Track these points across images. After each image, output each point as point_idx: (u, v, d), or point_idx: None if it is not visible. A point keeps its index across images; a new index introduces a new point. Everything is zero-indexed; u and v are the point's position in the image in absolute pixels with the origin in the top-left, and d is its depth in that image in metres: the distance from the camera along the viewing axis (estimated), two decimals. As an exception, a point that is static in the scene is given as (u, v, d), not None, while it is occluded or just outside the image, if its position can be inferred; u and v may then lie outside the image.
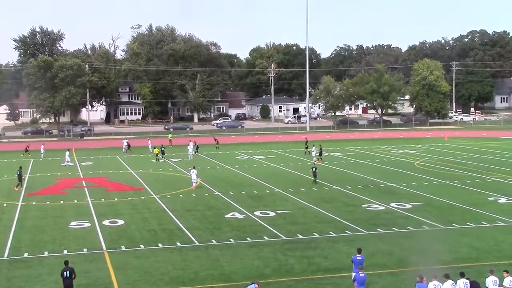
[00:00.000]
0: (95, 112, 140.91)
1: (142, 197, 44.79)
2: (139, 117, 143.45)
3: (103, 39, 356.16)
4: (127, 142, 78.51)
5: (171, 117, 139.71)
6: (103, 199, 44.11)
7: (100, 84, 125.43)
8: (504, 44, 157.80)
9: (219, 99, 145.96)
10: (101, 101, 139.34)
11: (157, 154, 67.97)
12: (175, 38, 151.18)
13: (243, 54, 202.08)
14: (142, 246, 30.91)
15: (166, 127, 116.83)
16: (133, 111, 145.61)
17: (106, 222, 36.34)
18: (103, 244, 31.42)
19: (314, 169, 50.99)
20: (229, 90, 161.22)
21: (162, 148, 69.86)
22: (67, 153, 65.66)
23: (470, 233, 33.08)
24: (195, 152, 71.03)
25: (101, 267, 27.50)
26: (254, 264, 27.79)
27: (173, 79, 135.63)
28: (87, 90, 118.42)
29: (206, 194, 45.61)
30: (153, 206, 41.63)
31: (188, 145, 69.93)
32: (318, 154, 64.37)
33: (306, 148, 71.80)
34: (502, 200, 41.97)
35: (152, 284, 25.31)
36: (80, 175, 57.76)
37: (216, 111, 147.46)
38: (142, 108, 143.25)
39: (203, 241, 31.74)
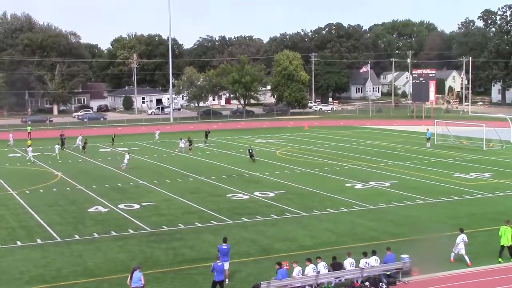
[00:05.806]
0: None
1: (-1, 194, 42.82)
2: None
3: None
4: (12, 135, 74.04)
5: (29, 109, 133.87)
6: (-45, 197, 41.68)
7: None
8: (358, 36, 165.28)
9: (80, 91, 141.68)
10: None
11: (29, 146, 65.36)
12: (32, 27, 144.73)
13: (104, 45, 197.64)
14: (-1, 245, 29.62)
15: (24, 119, 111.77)
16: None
17: (-41, 221, 34.40)
18: (-45, 244, 29.76)
19: (250, 150, 57.45)
20: (90, 81, 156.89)
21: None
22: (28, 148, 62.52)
23: (329, 219, 34.59)
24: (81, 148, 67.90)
25: (-46, 269, 26.05)
26: (119, 258, 27.46)
27: (30, 70, 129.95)
28: None
29: (68, 188, 44.34)
30: (11, 202, 39.88)
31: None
32: (188, 145, 64.75)
33: (206, 136, 74.19)
34: (358, 186, 44.18)
35: (9, 285, 24.31)
36: None
37: (77, 102, 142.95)
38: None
39: (65, 237, 30.93)
